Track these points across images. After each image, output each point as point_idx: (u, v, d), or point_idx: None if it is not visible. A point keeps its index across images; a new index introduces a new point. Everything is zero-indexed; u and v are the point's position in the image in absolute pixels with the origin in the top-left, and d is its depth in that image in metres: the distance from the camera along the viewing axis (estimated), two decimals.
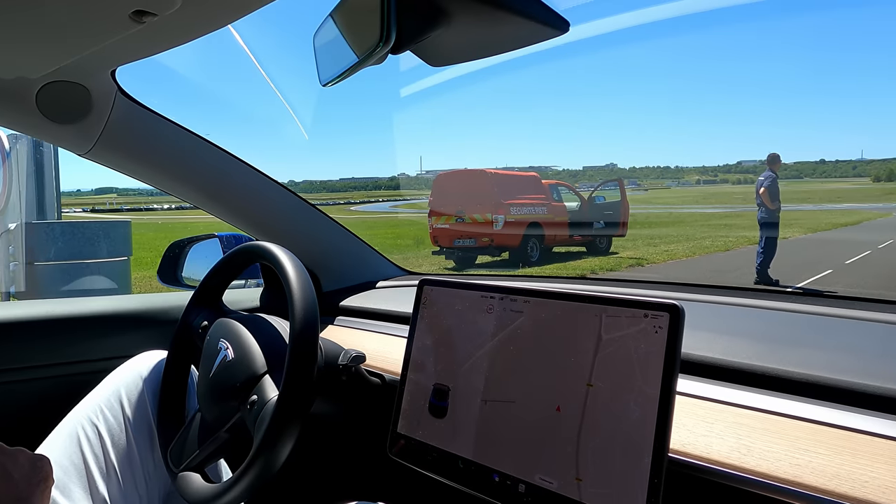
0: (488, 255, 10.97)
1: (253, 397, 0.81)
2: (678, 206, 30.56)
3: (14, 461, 0.68)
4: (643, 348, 0.58)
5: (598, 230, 11.78)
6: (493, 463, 0.67)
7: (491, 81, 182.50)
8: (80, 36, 0.68)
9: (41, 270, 4.98)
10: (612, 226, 11.80)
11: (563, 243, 11.86)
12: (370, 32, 0.48)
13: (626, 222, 11.93)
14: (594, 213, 11.94)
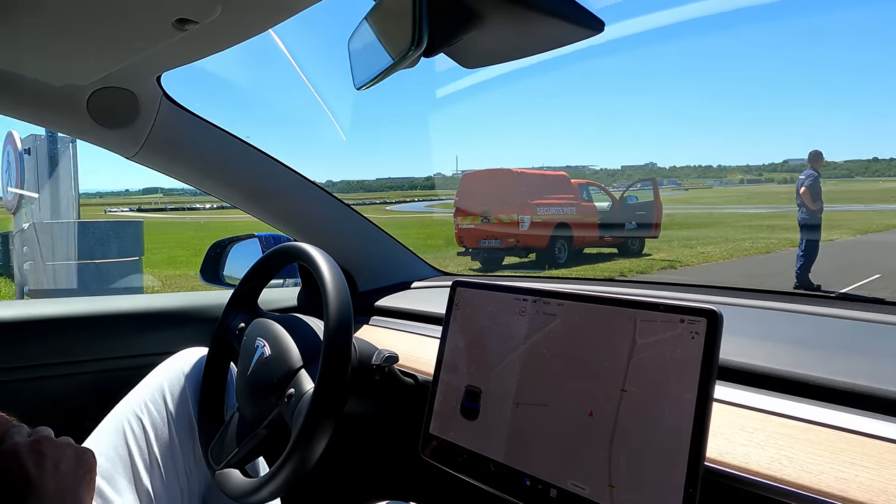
0: (515, 257, 10.77)
1: (290, 390, 0.83)
2: (719, 206, 29.70)
3: (62, 453, 0.70)
4: (679, 354, 0.57)
5: (629, 231, 11.42)
6: (525, 467, 0.67)
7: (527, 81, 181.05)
8: (127, 44, 0.70)
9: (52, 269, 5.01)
10: (644, 227, 11.42)
11: (593, 244, 11.58)
12: (403, 36, 0.48)
13: (659, 223, 11.52)
14: (626, 213, 11.59)
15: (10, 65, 0.83)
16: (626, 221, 11.43)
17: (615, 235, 11.44)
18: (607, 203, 12.12)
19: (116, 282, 5.21)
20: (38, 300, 1.20)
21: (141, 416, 0.97)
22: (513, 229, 10.29)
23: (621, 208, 11.76)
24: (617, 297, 0.63)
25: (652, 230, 11.49)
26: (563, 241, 10.78)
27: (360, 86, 0.60)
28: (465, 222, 10.79)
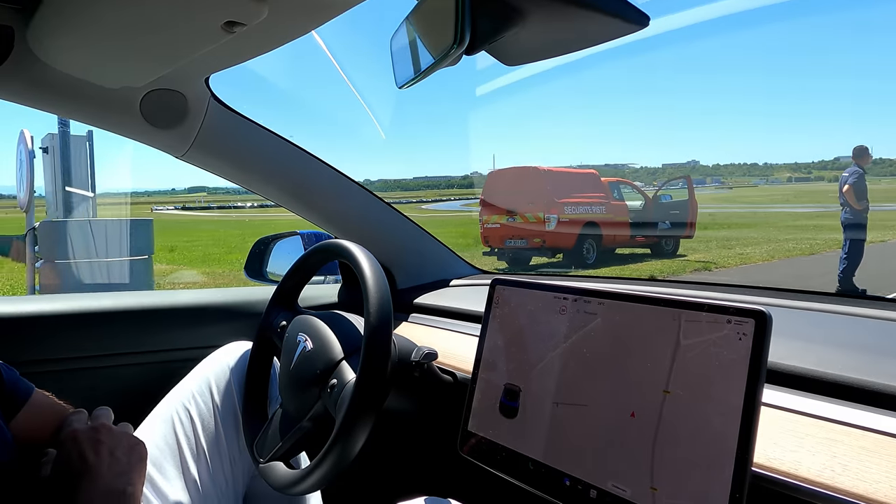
0: (542, 257, 10.51)
1: (332, 381, 0.85)
2: (764, 205, 28.59)
3: (118, 441, 0.74)
4: (725, 355, 0.56)
5: (662, 231, 11.03)
6: (565, 467, 0.66)
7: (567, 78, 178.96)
8: (178, 48, 0.73)
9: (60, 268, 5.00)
10: (678, 226, 10.99)
11: (623, 244, 11.15)
12: (444, 34, 0.48)
13: (693, 223, 11.06)
14: (659, 212, 11.20)
15: (73, 70, 0.87)
16: (659, 221, 11.07)
17: (647, 235, 11.06)
18: (640, 202, 11.73)
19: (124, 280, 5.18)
20: (97, 293, 1.25)
21: (189, 408, 1.01)
22: (539, 228, 10.05)
23: (654, 207, 11.40)
24: (660, 296, 0.62)
25: (686, 230, 11.07)
26: (592, 240, 10.48)
27: (401, 84, 0.60)
28: (491, 221, 10.59)
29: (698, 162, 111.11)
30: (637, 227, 11.04)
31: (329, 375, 0.86)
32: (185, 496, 0.94)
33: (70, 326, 1.14)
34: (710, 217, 17.55)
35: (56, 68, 0.87)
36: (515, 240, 10.26)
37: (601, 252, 10.60)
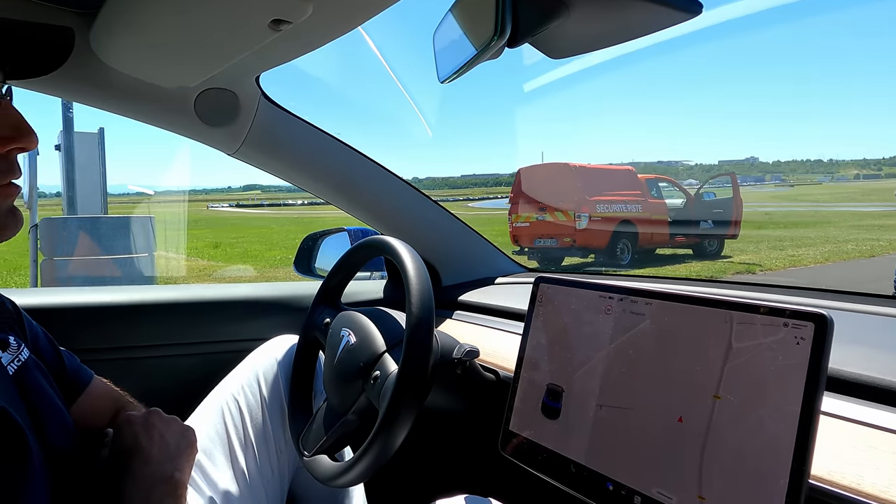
0: (575, 256, 10.06)
1: (375, 373, 0.86)
2: (828, 204, 26.97)
3: (169, 427, 0.76)
4: (781, 361, 0.53)
5: (705, 230, 10.35)
6: (608, 471, 0.64)
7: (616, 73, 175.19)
8: (228, 47, 0.75)
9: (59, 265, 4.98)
10: (721, 226, 10.31)
11: (662, 244, 10.55)
12: (485, 26, 0.47)
13: (738, 222, 10.37)
14: (701, 211, 10.54)
15: (131, 70, 0.91)
16: (701, 220, 10.40)
17: (688, 235, 10.42)
18: (681, 200, 11.08)
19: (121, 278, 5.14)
20: (153, 286, 1.30)
21: (238, 399, 1.04)
22: (569, 227, 9.61)
23: (696, 206, 10.74)
24: (711, 296, 0.59)
25: (730, 230, 10.36)
26: (626, 240, 9.97)
27: (443, 79, 0.60)
28: (520, 220, 10.18)
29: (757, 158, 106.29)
30: (677, 227, 10.48)
31: (372, 368, 0.87)
32: (234, 484, 0.96)
33: (128, 317, 1.19)
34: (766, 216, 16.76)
35: (115, 69, 0.90)
36: (545, 239, 9.90)
37: (637, 252, 10.15)
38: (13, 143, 0.60)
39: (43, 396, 0.71)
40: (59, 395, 0.75)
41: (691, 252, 10.53)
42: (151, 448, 0.72)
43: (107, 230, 5.21)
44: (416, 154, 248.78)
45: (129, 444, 0.72)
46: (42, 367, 0.75)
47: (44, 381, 0.73)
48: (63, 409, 0.75)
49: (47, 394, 0.72)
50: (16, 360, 0.70)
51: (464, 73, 0.56)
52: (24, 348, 0.73)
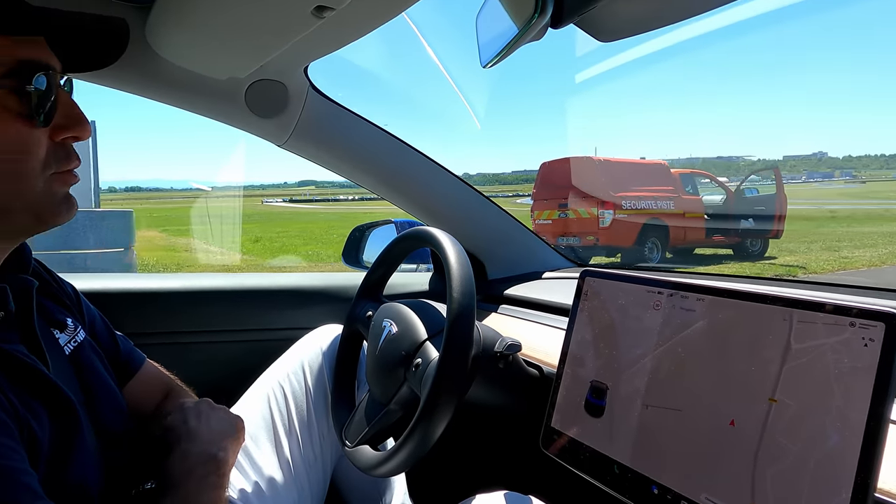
0: (600, 256, 9.32)
1: (417, 360, 0.85)
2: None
3: (217, 414, 0.79)
4: (846, 363, 0.49)
5: (746, 228, 9.43)
6: (653, 473, 0.61)
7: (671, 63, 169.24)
8: (274, 36, 0.75)
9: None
10: (763, 223, 9.37)
11: (696, 243, 9.71)
12: (526, 4, 0.45)
13: (782, 218, 9.36)
14: (741, 208, 9.49)
15: (185, 62, 0.93)
16: (741, 217, 9.40)
17: (727, 233, 9.53)
18: (720, 196, 10.10)
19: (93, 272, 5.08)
20: (205, 273, 1.34)
21: (284, 386, 1.05)
22: (592, 225, 8.93)
23: (736, 202, 9.69)
24: (768, 293, 0.55)
25: (772, 227, 9.36)
26: (655, 238, 9.23)
27: (486, 63, 0.58)
28: (542, 217, 9.53)
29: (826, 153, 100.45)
30: (715, 224, 9.54)
31: (413, 356, 0.86)
32: (277, 469, 0.98)
33: (180, 303, 1.23)
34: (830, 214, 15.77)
35: (171, 61, 0.93)
36: (568, 237, 9.24)
37: (669, 251, 9.45)
38: (68, 132, 0.62)
39: (96, 376, 0.74)
40: (112, 376, 0.78)
41: (731, 252, 9.74)
42: (200, 429, 0.74)
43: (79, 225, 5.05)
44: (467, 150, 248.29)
45: (179, 424, 0.75)
46: (97, 349, 0.78)
47: (98, 362, 0.76)
48: (116, 389, 0.77)
49: (101, 374, 0.75)
50: (72, 340, 0.73)
51: (506, 57, 0.54)
52: (81, 330, 0.76)
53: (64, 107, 0.61)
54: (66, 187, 0.63)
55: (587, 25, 0.57)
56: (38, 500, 0.50)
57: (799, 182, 11.43)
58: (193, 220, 18.44)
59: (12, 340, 0.61)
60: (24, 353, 0.60)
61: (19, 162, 0.57)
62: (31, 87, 0.56)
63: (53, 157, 0.61)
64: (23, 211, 0.59)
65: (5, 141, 0.56)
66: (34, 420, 0.57)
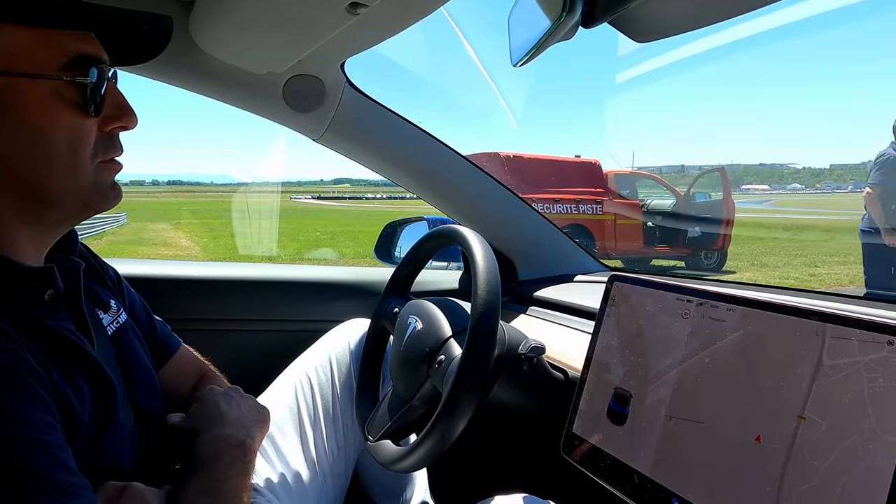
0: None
1: (440, 357, 0.85)
2: None
3: (245, 401, 0.80)
4: (882, 383, 0.46)
5: (692, 238, 8.17)
6: (674, 486, 0.60)
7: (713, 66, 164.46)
8: (310, 31, 0.76)
9: None
10: (709, 233, 8.13)
11: (632, 253, 8.33)
12: (555, 3, 0.44)
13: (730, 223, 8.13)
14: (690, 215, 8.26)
15: (226, 56, 0.95)
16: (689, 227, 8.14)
17: (670, 242, 8.25)
18: (670, 202, 8.76)
19: None
20: (241, 263, 1.37)
21: (311, 378, 1.07)
22: None
23: (685, 209, 8.42)
24: (802, 306, 0.53)
25: (717, 238, 8.03)
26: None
27: (516, 62, 0.57)
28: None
29: None
30: (654, 234, 8.34)
31: (437, 353, 0.87)
32: (302, 460, 0.99)
33: (215, 291, 1.26)
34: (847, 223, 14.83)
35: (212, 55, 0.95)
36: None
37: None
38: (116, 123, 0.64)
39: (136, 357, 0.76)
40: (150, 358, 0.81)
41: (683, 265, 8.46)
42: (230, 413, 0.76)
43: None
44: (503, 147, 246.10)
45: (210, 409, 0.77)
46: (137, 331, 0.81)
47: (137, 344, 0.79)
48: (152, 371, 0.80)
49: (140, 355, 0.78)
50: (115, 321, 0.76)
51: (536, 56, 0.53)
52: (123, 312, 0.79)
53: (112, 98, 0.63)
54: (112, 175, 0.66)
55: (622, 25, 0.56)
56: (71, 475, 0.52)
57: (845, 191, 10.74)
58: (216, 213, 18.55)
59: (61, 318, 0.63)
60: (72, 331, 0.63)
61: (75, 151, 0.59)
62: (87, 79, 0.58)
63: (101, 147, 0.63)
64: (74, 198, 0.61)
65: (63, 131, 0.58)
66: (76, 396, 0.59)
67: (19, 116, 0.55)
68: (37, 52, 0.55)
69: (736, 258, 9.07)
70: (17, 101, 0.54)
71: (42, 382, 0.54)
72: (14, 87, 0.54)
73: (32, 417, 0.51)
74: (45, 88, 0.56)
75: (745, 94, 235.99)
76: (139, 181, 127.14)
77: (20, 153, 0.56)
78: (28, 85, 0.55)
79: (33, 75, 0.55)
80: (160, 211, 24.61)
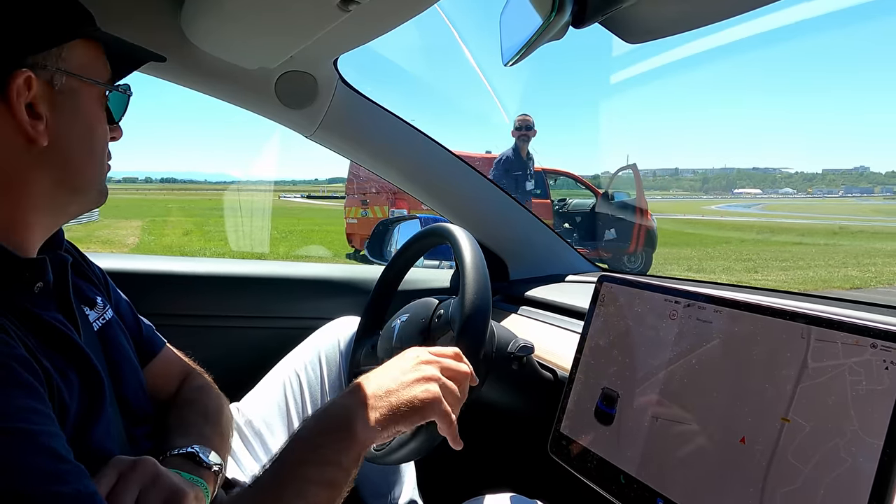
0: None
1: (439, 312, 0.87)
2: None
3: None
4: (864, 386, 0.47)
5: (608, 241, 7.52)
6: (659, 486, 0.60)
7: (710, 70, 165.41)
8: (301, 27, 0.76)
9: None
10: (624, 234, 7.47)
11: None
12: (544, 3, 0.44)
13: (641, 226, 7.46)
14: (605, 216, 7.58)
15: (218, 51, 0.95)
16: (605, 227, 7.56)
17: (584, 244, 7.60)
18: (591, 201, 8.15)
19: None
20: (230, 259, 1.37)
21: (300, 375, 1.07)
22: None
23: (602, 209, 7.81)
24: (789, 308, 0.54)
25: (631, 241, 7.42)
26: None
27: (507, 61, 0.57)
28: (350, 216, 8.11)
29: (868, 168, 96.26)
30: (574, 235, 7.79)
31: (432, 317, 0.88)
32: None
33: (204, 287, 1.25)
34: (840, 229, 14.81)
35: (204, 51, 0.95)
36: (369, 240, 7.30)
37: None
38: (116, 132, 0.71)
39: (122, 353, 0.76)
40: (136, 355, 0.80)
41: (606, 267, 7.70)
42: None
43: None
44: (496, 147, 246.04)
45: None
46: (123, 328, 0.80)
47: (123, 340, 0.78)
48: (138, 367, 0.80)
49: (126, 351, 0.77)
50: (101, 318, 0.76)
51: (526, 55, 0.53)
52: (109, 309, 0.78)
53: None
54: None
55: (613, 26, 0.56)
56: (62, 462, 0.51)
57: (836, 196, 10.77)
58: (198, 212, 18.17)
59: (50, 309, 0.63)
60: (62, 322, 0.63)
61: (103, 150, 0.68)
62: (129, 91, 0.70)
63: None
64: (94, 190, 0.68)
65: (101, 131, 0.67)
66: (66, 387, 0.59)
67: (81, 113, 0.64)
68: (97, 65, 0.66)
69: (678, 262, 9.02)
70: (81, 101, 0.64)
71: (31, 370, 0.54)
72: (81, 89, 0.64)
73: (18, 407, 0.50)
74: (97, 94, 0.66)
75: (740, 99, 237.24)
76: (132, 178, 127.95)
77: (74, 143, 0.64)
78: (89, 89, 0.65)
79: (96, 82, 0.65)
80: (145, 208, 24.52)
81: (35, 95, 0.59)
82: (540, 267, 1.44)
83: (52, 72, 0.60)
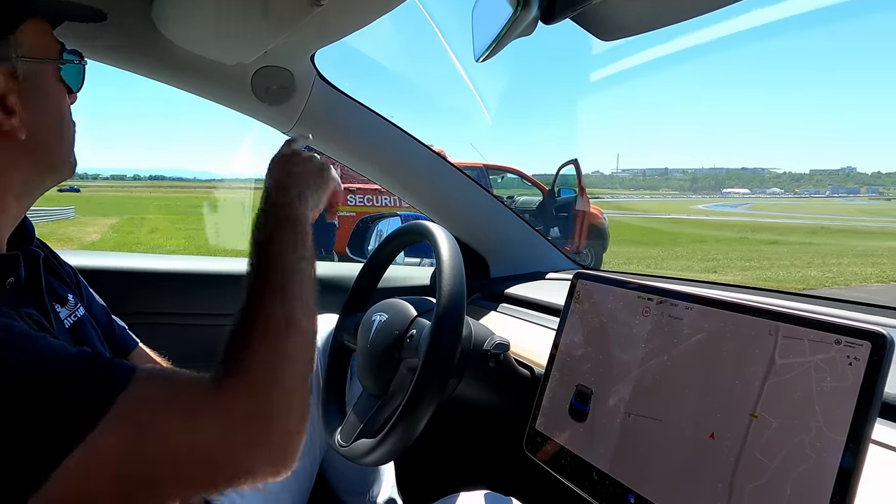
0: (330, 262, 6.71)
1: (411, 332, 0.86)
2: None
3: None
4: (829, 382, 0.47)
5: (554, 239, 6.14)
6: (631, 482, 0.60)
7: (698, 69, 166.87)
8: (271, 22, 0.75)
9: None
10: (566, 232, 7.36)
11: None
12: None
13: (581, 228, 7.31)
14: (550, 213, 7.47)
15: (191, 46, 0.93)
16: (550, 225, 7.45)
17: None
18: (537, 198, 8.02)
19: None
20: (208, 257, 1.35)
21: None
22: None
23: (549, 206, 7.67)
24: (758, 305, 0.54)
25: (573, 238, 7.22)
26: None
27: (478, 57, 0.57)
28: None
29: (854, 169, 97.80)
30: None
31: (406, 332, 0.87)
32: None
33: (181, 285, 1.24)
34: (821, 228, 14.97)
35: (178, 45, 0.93)
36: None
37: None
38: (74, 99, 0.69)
39: (94, 349, 0.75)
40: (108, 352, 0.79)
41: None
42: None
43: None
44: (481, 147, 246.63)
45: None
46: (95, 326, 0.79)
47: (95, 337, 0.77)
48: None
49: (97, 348, 0.76)
50: (72, 315, 0.75)
51: (497, 51, 0.53)
52: (80, 307, 0.77)
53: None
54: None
55: (586, 23, 0.56)
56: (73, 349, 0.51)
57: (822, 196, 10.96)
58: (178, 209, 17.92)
59: (25, 304, 0.62)
60: (36, 317, 0.62)
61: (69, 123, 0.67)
62: (83, 61, 0.68)
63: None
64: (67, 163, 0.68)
65: (65, 106, 0.66)
66: None
67: (47, 96, 0.63)
68: (47, 41, 0.63)
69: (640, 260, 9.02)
70: (45, 83, 0.62)
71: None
72: (42, 71, 0.62)
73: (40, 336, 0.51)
74: (54, 71, 0.64)
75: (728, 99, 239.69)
76: (120, 175, 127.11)
77: (48, 128, 0.63)
78: (46, 68, 0.62)
79: (52, 60, 0.63)
80: (128, 205, 24.27)
81: (2, 90, 0.57)
82: (521, 264, 1.44)
83: (12, 61, 0.58)
